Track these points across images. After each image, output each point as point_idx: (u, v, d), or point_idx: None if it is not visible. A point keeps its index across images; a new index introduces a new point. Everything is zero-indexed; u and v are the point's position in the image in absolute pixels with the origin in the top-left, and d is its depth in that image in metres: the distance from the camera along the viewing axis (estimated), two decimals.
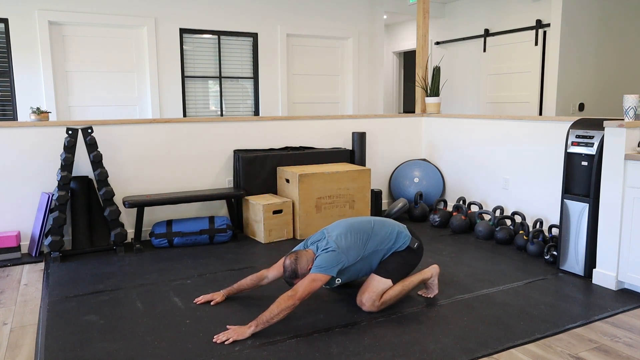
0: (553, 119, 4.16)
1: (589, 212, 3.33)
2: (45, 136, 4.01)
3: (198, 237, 4.17)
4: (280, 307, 2.54)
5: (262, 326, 2.55)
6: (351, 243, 2.79)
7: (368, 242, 2.83)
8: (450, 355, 2.37)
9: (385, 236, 2.89)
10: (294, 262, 2.72)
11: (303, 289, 2.59)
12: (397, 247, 2.90)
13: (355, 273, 2.85)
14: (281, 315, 2.55)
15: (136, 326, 2.69)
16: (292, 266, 2.71)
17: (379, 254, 2.87)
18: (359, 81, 7.00)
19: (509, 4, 6.53)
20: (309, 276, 2.64)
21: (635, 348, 2.45)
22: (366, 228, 2.89)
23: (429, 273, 3.03)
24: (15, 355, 2.43)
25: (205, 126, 4.56)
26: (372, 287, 2.82)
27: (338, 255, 2.72)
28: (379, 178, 5.45)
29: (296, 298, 2.56)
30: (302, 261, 2.73)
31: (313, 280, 2.62)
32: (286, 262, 2.74)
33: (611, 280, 3.19)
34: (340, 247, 2.75)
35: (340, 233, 2.83)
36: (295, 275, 2.71)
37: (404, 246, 2.91)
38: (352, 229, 2.86)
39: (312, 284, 2.61)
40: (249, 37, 6.31)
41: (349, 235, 2.82)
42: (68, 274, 3.52)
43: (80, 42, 5.50)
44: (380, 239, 2.87)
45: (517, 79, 6.51)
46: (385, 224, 2.95)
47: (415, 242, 2.95)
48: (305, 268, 2.72)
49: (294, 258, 2.73)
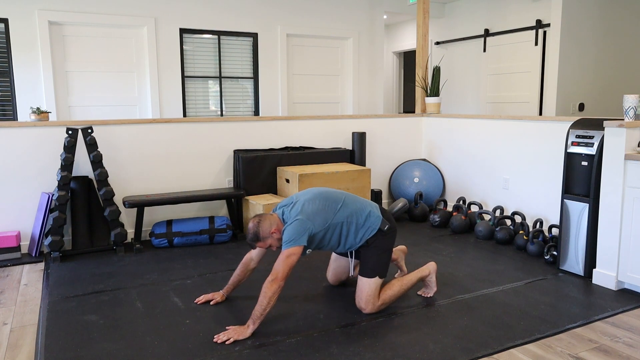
0: (553, 119, 4.16)
1: (589, 212, 3.33)
2: (45, 136, 4.01)
3: (198, 237, 4.17)
4: (267, 296, 2.52)
5: (259, 320, 2.55)
6: (318, 209, 2.72)
7: (337, 212, 2.76)
8: (450, 355, 2.37)
9: (355, 210, 2.81)
10: (257, 225, 2.68)
11: (281, 268, 2.55)
12: (367, 227, 2.81)
13: (324, 243, 2.78)
14: (272, 302, 2.54)
15: (136, 326, 2.69)
16: (255, 229, 2.67)
17: (348, 227, 2.78)
18: (359, 81, 7.00)
19: (509, 4, 6.53)
20: (283, 253, 2.58)
21: (635, 348, 2.45)
22: (337, 198, 2.82)
23: (426, 270, 3.02)
24: (15, 355, 2.43)
25: (205, 126, 4.56)
26: (366, 290, 2.80)
27: (304, 223, 2.65)
28: (379, 178, 5.45)
29: (279, 280, 2.54)
30: (265, 224, 2.68)
31: (288, 256, 2.57)
32: (250, 225, 2.70)
33: (611, 280, 3.19)
34: (306, 213, 2.68)
35: (308, 199, 2.77)
36: (257, 238, 2.68)
37: (374, 228, 2.82)
38: (321, 196, 2.80)
39: (288, 260, 2.56)
40: (249, 37, 6.31)
41: (316, 202, 2.75)
42: (68, 274, 3.52)
43: (80, 42, 5.50)
44: (350, 212, 2.79)
45: (517, 79, 6.51)
46: (357, 200, 2.88)
47: (385, 224, 2.85)
48: (267, 232, 2.67)
49: (257, 221, 2.69)
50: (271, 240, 2.72)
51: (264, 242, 2.72)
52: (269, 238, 2.70)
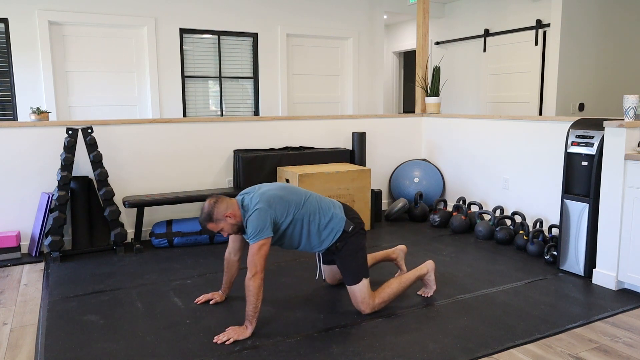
0: (553, 119, 4.16)
1: (589, 212, 3.33)
2: (45, 136, 4.01)
3: (198, 237, 4.17)
4: (253, 293, 2.52)
5: (254, 318, 2.56)
6: (278, 197, 2.68)
7: (299, 206, 2.72)
8: (450, 355, 2.37)
9: (317, 209, 2.77)
10: (212, 205, 2.62)
11: (256, 262, 2.53)
12: (331, 229, 2.76)
13: (285, 239, 2.74)
14: (260, 297, 2.54)
15: (136, 326, 2.69)
16: (209, 209, 2.62)
17: (309, 225, 2.74)
18: (359, 81, 7.00)
19: (509, 4, 6.53)
20: (253, 247, 2.55)
21: (635, 348, 2.45)
22: (299, 193, 2.79)
23: (424, 269, 3.02)
24: (15, 355, 2.43)
25: (205, 126, 4.56)
26: (358, 295, 2.78)
27: (265, 211, 2.60)
28: (379, 178, 5.45)
29: (258, 273, 2.53)
30: (221, 206, 2.62)
31: (259, 248, 2.55)
32: (205, 203, 2.66)
33: (611, 280, 3.19)
34: (266, 201, 2.63)
35: (269, 189, 2.73)
36: (210, 218, 2.61)
37: (339, 230, 2.77)
38: (283, 188, 2.77)
39: (260, 252, 2.54)
40: (249, 37, 6.31)
41: (277, 191, 2.72)
42: (68, 274, 3.52)
43: (80, 42, 5.50)
44: (313, 209, 2.76)
45: (517, 79, 6.51)
46: (321, 200, 2.84)
47: (349, 225, 2.79)
48: (221, 214, 2.62)
49: (213, 201, 2.64)
50: (224, 224, 2.65)
51: (216, 225, 2.64)
52: (222, 221, 2.64)
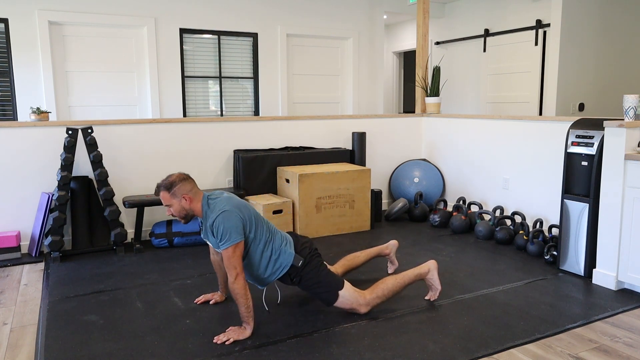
0: (553, 119, 4.16)
1: (589, 212, 3.33)
2: (45, 136, 4.01)
3: (198, 237, 4.17)
4: (240, 294, 2.52)
5: (250, 318, 2.56)
6: (244, 205, 2.66)
7: (261, 223, 2.70)
8: (450, 355, 2.37)
9: (274, 236, 2.73)
10: (178, 179, 2.59)
11: (234, 264, 2.51)
12: (280, 263, 2.72)
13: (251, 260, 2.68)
14: (248, 297, 2.54)
15: (136, 326, 2.69)
16: (175, 179, 2.59)
17: (267, 250, 2.68)
18: (359, 81, 7.00)
19: (509, 4, 6.53)
20: (228, 252, 2.51)
21: (635, 348, 2.45)
22: (259, 214, 2.76)
23: (425, 268, 2.96)
24: (15, 355, 2.43)
25: (205, 126, 4.56)
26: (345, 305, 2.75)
27: (233, 214, 2.55)
28: (379, 178, 5.45)
29: (239, 275, 2.51)
30: (187, 185, 2.59)
31: (233, 252, 2.52)
32: (174, 173, 2.63)
33: (611, 280, 3.19)
34: (232, 204, 2.59)
35: (234, 196, 2.70)
36: (170, 187, 2.57)
37: (286, 265, 2.72)
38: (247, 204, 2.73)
39: (234, 255, 2.52)
40: (249, 37, 6.31)
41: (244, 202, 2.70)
42: (68, 274, 3.52)
43: (80, 42, 5.50)
44: (272, 234, 2.72)
45: (517, 79, 6.51)
46: (276, 232, 2.79)
47: (299, 260, 2.73)
48: (181, 191, 2.57)
49: (183, 177, 2.61)
50: (176, 202, 2.60)
51: (170, 199, 2.59)
52: (177, 197, 2.59)
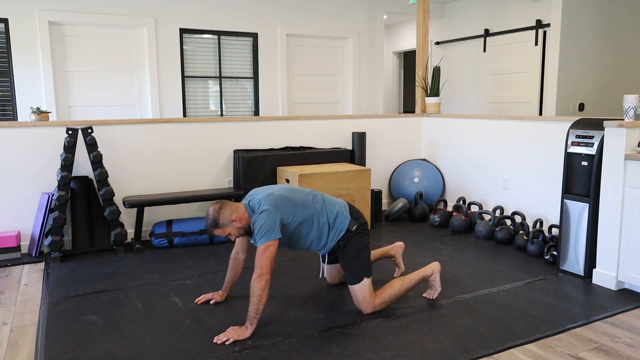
0: (553, 119, 4.16)
1: (589, 212, 3.33)
2: (45, 136, 4.01)
3: (198, 237, 4.17)
4: (257, 294, 2.52)
5: (255, 320, 2.55)
6: (284, 198, 2.69)
7: (305, 207, 2.73)
8: (450, 355, 2.37)
9: (320, 209, 2.78)
10: (217, 211, 2.62)
11: (263, 263, 2.52)
12: (336, 229, 2.78)
13: (293, 240, 2.75)
14: (264, 299, 2.53)
15: (136, 326, 2.69)
16: (215, 215, 2.62)
17: (316, 226, 2.75)
18: (359, 81, 7.00)
19: (509, 4, 6.53)
20: (260, 248, 2.55)
21: (635, 348, 2.45)
22: (304, 193, 2.81)
23: (429, 270, 3.00)
24: (15, 355, 2.43)
25: (205, 126, 4.56)
26: (359, 295, 2.79)
27: (272, 213, 2.60)
28: (379, 178, 5.45)
29: (264, 274, 2.52)
30: (226, 211, 2.62)
31: (265, 249, 2.54)
32: (209, 210, 2.65)
33: (611, 280, 3.19)
34: (272, 203, 2.64)
35: (274, 191, 2.74)
36: (216, 224, 2.61)
37: (342, 229, 2.79)
38: (288, 189, 2.78)
39: (266, 253, 2.54)
40: (249, 37, 6.31)
41: (283, 191, 2.73)
42: (68, 274, 3.52)
43: (80, 42, 5.50)
44: (319, 209, 2.77)
45: (517, 79, 6.51)
46: (326, 199, 2.86)
47: (354, 224, 2.81)
48: (227, 219, 2.62)
49: (218, 207, 2.64)
50: (230, 229, 2.64)
51: (223, 230, 2.64)
52: (228, 226, 2.63)
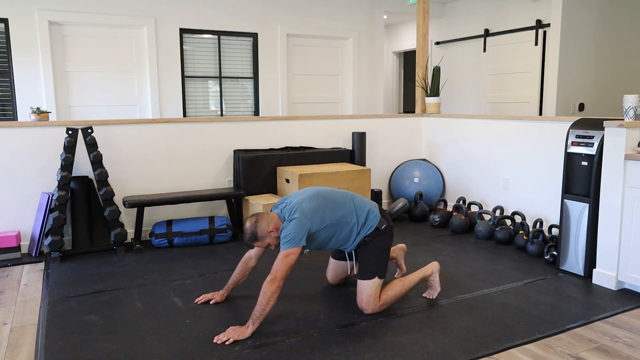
0: (553, 119, 4.16)
1: (589, 212, 3.33)
2: (45, 136, 4.01)
3: (198, 237, 4.17)
4: (267, 295, 2.52)
5: (259, 320, 2.55)
6: (316, 207, 2.71)
7: (334, 209, 2.75)
8: (450, 355, 2.37)
9: (353, 209, 2.81)
10: (254, 225, 2.66)
11: (280, 268, 2.54)
12: (367, 226, 2.81)
13: (323, 242, 2.78)
14: (272, 302, 2.53)
15: (136, 326, 2.69)
16: (252, 229, 2.66)
17: (346, 226, 2.78)
18: (359, 81, 7.00)
19: (509, 4, 6.53)
20: (282, 253, 2.58)
21: (635, 348, 2.45)
22: (333, 196, 2.83)
23: (429, 270, 3.01)
24: (15, 355, 2.43)
25: (205, 126, 4.56)
26: (365, 291, 2.79)
27: (301, 222, 2.64)
28: (379, 178, 5.45)
29: (278, 279, 2.53)
30: (263, 224, 2.67)
31: (286, 256, 2.57)
32: (246, 224, 2.69)
33: (611, 280, 3.19)
34: (303, 212, 2.67)
35: (306, 198, 2.76)
36: (255, 237, 2.66)
37: (372, 226, 2.83)
38: (319, 195, 2.80)
39: (286, 260, 2.56)
40: (249, 37, 6.31)
41: (314, 200, 2.75)
42: (68, 274, 3.52)
43: (80, 42, 5.50)
44: (348, 210, 2.80)
45: (517, 79, 6.51)
46: (355, 198, 2.88)
47: (383, 224, 2.85)
48: (265, 231, 2.66)
49: (254, 220, 2.68)
50: (269, 240, 2.70)
51: (262, 242, 2.70)
52: (267, 237, 2.69)
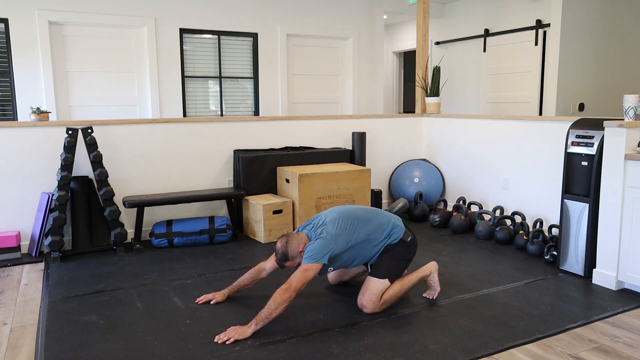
0: (553, 119, 4.16)
1: (589, 212, 3.33)
2: (45, 136, 4.01)
3: (198, 237, 4.17)
4: (277, 302, 2.54)
5: (262, 323, 2.56)
6: (341, 230, 2.76)
7: (359, 230, 2.79)
8: (450, 355, 2.37)
9: (378, 226, 2.85)
10: (285, 245, 2.72)
11: (297, 280, 2.58)
12: (391, 240, 2.86)
13: (347, 261, 2.82)
14: (279, 310, 2.55)
15: (136, 326, 2.69)
16: (283, 249, 2.72)
17: (371, 243, 2.82)
18: (359, 81, 7.00)
19: (509, 4, 6.53)
20: (302, 267, 2.63)
21: (635, 348, 2.45)
22: (359, 215, 2.86)
23: (427, 270, 3.02)
24: (15, 355, 2.43)
25: (205, 126, 4.56)
26: (371, 288, 2.81)
27: (327, 242, 2.69)
28: (379, 178, 5.45)
29: (291, 290, 2.56)
30: (293, 244, 2.73)
31: (305, 270, 2.61)
32: (277, 244, 2.75)
33: (611, 280, 3.19)
34: (329, 234, 2.73)
35: (332, 219, 2.81)
36: (286, 258, 2.72)
37: (397, 237, 2.87)
38: (344, 215, 2.83)
39: (304, 274, 2.60)
40: (249, 37, 6.31)
41: (340, 222, 2.79)
42: (68, 274, 3.52)
43: (80, 42, 5.50)
44: (374, 228, 2.83)
45: (517, 79, 6.51)
46: (379, 214, 2.92)
47: (408, 236, 2.90)
48: (295, 251, 2.72)
49: (285, 241, 2.74)
50: (300, 259, 2.75)
51: (293, 261, 2.75)
52: (297, 257, 2.74)
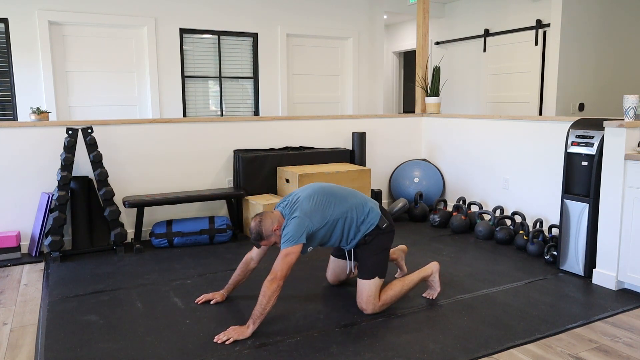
0: (553, 119, 4.16)
1: (589, 212, 3.33)
2: (45, 136, 4.01)
3: (198, 237, 4.17)
4: (267, 295, 2.53)
5: (259, 320, 2.56)
6: (316, 205, 2.73)
7: (335, 207, 2.76)
8: (450, 355, 2.37)
9: (354, 205, 2.81)
10: (259, 224, 2.69)
11: (280, 267, 2.56)
12: (367, 223, 2.81)
13: (324, 239, 2.79)
14: (272, 302, 2.54)
15: (136, 326, 2.69)
16: (257, 228, 2.69)
17: (347, 222, 2.78)
18: (359, 81, 7.00)
19: (509, 4, 6.53)
20: (282, 253, 2.60)
21: (635, 348, 2.45)
22: (336, 192, 2.83)
23: (429, 270, 3.01)
24: (15, 355, 2.43)
25: (205, 126, 4.56)
26: (365, 291, 2.80)
27: (301, 220, 2.66)
28: (379, 178, 5.45)
29: (278, 279, 2.54)
30: (267, 222, 2.70)
31: (286, 255, 2.58)
32: (252, 224, 2.72)
33: (611, 280, 3.19)
34: (303, 210, 2.69)
35: (306, 195, 2.77)
36: (261, 237, 2.69)
37: (373, 223, 2.82)
38: (320, 191, 2.81)
39: (286, 259, 2.58)
40: (249, 37, 6.31)
41: (315, 197, 2.76)
42: (68, 274, 3.52)
43: (80, 42, 5.50)
44: (349, 207, 2.80)
45: (517, 79, 6.51)
46: (357, 195, 2.89)
47: (384, 222, 2.86)
48: (270, 229, 2.69)
49: (258, 220, 2.71)
50: (275, 238, 2.73)
51: (268, 240, 2.72)
52: (272, 236, 2.71)
